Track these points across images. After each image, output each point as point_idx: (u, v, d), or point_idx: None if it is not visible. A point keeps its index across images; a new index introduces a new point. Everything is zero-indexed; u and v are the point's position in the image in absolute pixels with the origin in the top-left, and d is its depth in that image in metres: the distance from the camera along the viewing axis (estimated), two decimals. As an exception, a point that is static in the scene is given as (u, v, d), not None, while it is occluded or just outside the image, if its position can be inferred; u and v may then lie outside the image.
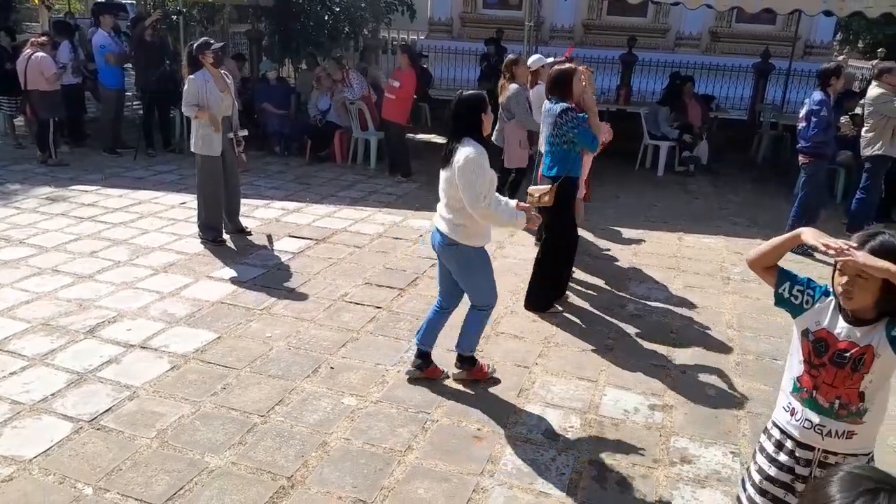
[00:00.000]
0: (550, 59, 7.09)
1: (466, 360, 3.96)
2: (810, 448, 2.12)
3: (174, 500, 2.98)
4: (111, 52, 8.81)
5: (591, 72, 5.51)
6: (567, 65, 4.86)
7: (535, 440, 3.47)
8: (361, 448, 3.34)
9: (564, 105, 4.62)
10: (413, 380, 3.95)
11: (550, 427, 3.59)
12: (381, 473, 3.17)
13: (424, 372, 3.95)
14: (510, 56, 6.88)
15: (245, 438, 3.39)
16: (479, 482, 3.14)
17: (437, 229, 3.72)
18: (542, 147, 5.10)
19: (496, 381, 3.99)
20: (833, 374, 2.05)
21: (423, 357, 3.96)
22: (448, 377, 3.99)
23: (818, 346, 2.08)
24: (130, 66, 10.14)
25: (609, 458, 3.35)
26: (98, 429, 3.44)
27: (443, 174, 3.62)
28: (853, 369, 2.02)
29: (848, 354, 2.02)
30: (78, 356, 4.10)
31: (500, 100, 6.67)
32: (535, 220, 3.72)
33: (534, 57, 7.13)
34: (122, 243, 6.00)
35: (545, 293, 4.97)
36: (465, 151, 3.46)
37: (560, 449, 3.41)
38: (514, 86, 6.55)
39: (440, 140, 11.57)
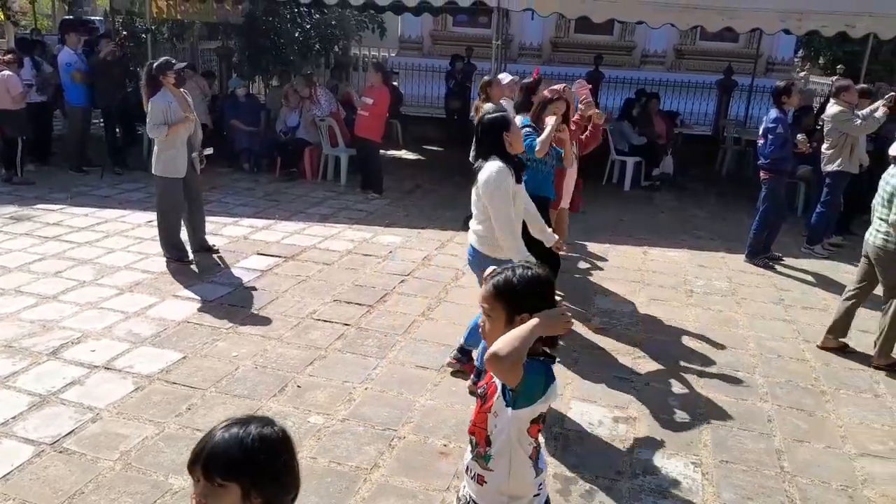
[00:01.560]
0: (515, 77, 7.21)
1: (465, 353, 4.15)
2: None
3: (137, 523, 2.95)
4: (77, 69, 8.73)
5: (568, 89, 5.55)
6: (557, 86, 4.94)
7: (500, 455, 3.50)
8: (327, 466, 3.35)
9: (524, 121, 4.74)
10: (456, 372, 4.23)
11: (516, 441, 3.62)
12: (346, 492, 3.17)
13: (464, 365, 4.21)
14: (485, 77, 6.96)
15: (210, 459, 3.36)
16: (444, 498, 3.17)
17: (471, 244, 3.89)
18: None
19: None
20: (478, 408, 1.98)
21: (465, 353, 4.20)
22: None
23: (481, 374, 2.08)
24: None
25: (573, 471, 3.40)
26: (60, 452, 3.40)
27: (473, 190, 3.78)
28: (483, 401, 1.95)
29: (484, 386, 1.97)
30: (41, 378, 4.04)
31: (475, 120, 6.72)
32: None
33: (501, 75, 7.26)
34: (88, 263, 5.93)
35: None
36: (487, 170, 3.63)
37: (525, 463, 3.44)
38: (488, 105, 6.59)
39: (411, 157, 11.67)
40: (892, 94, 6.82)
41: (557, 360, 1.93)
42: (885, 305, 4.67)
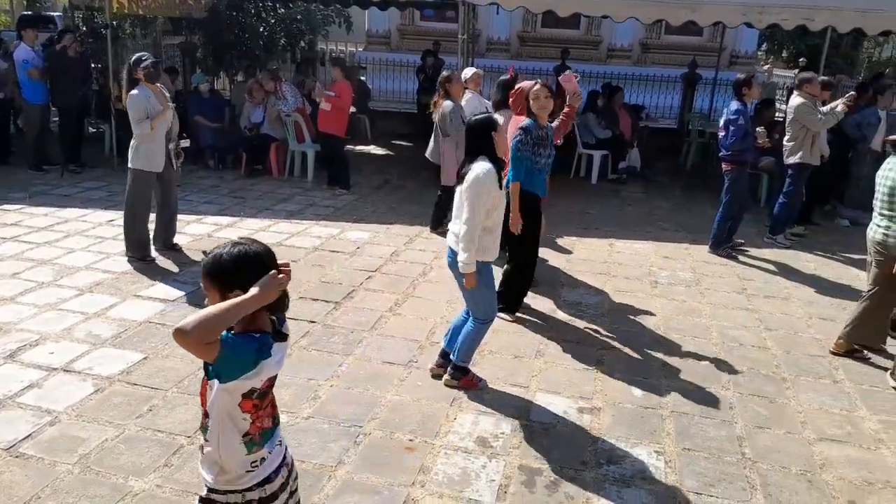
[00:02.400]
0: (473, 71, 7.17)
1: (459, 368, 4.05)
2: None
3: (96, 527, 2.90)
4: (34, 66, 8.53)
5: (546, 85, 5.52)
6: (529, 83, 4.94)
7: (466, 448, 3.51)
8: (291, 464, 3.31)
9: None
10: (436, 376, 4.14)
11: (482, 435, 3.63)
12: (311, 490, 3.15)
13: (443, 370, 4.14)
14: (444, 73, 6.93)
15: (171, 460, 3.32)
16: (409, 493, 3.16)
17: (449, 246, 3.85)
18: None
19: (481, 389, 4.06)
20: (204, 379, 1.97)
21: (446, 357, 4.13)
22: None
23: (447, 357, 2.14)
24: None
25: (538, 463, 3.41)
26: (17, 457, 3.32)
27: (457, 191, 3.77)
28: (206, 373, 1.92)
29: None
30: (-4, 382, 3.95)
31: (435, 117, 6.71)
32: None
33: (467, 69, 7.25)
34: (47, 263, 5.80)
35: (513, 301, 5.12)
36: (476, 170, 3.63)
37: (491, 455, 3.45)
38: (447, 102, 6.58)
39: (380, 152, 11.61)
40: (853, 93, 6.94)
41: (287, 335, 1.98)
42: (865, 293, 4.73)
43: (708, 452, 3.57)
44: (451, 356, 4.09)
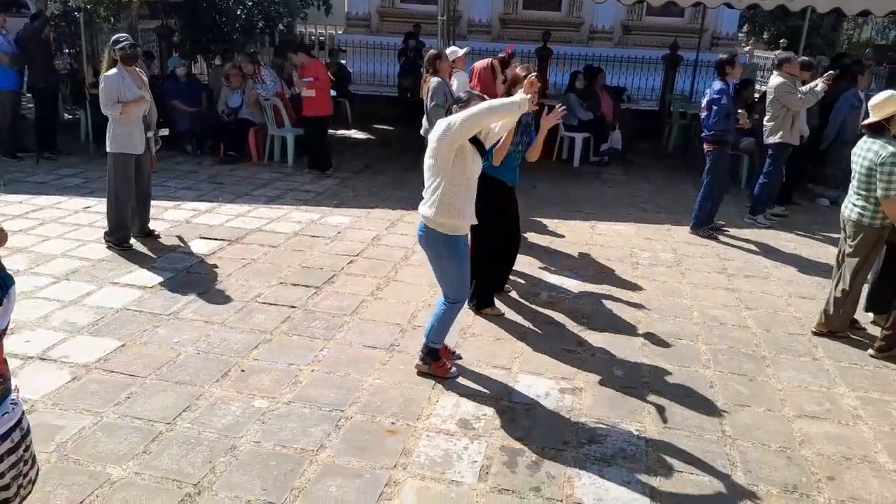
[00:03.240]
0: (464, 50, 7.17)
1: (430, 353, 3.97)
2: None
3: (73, 515, 2.86)
4: (4, 52, 8.34)
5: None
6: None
7: (448, 430, 3.50)
8: (272, 450, 3.29)
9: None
10: (424, 374, 4.00)
11: (464, 417, 3.63)
12: (292, 474, 3.13)
13: (432, 366, 3.99)
14: (432, 51, 6.88)
15: (149, 447, 3.28)
16: (391, 476, 3.15)
17: (422, 221, 3.75)
18: None
19: (453, 377, 3.99)
20: None
21: (432, 353, 3.99)
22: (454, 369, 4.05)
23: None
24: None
25: (520, 443, 3.41)
26: (-9, 447, 3.26)
27: (426, 157, 3.66)
28: None
29: None
30: (-31, 372, 3.87)
31: (423, 94, 6.67)
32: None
33: (449, 49, 7.20)
34: (22, 251, 5.70)
35: (481, 290, 4.89)
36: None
37: (473, 437, 3.45)
38: (435, 79, 6.53)
39: (361, 136, 11.52)
40: (832, 72, 6.97)
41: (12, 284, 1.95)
42: (838, 273, 4.76)
43: (688, 431, 3.59)
44: (424, 339, 4.01)
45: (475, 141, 3.64)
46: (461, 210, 3.65)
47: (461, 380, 3.98)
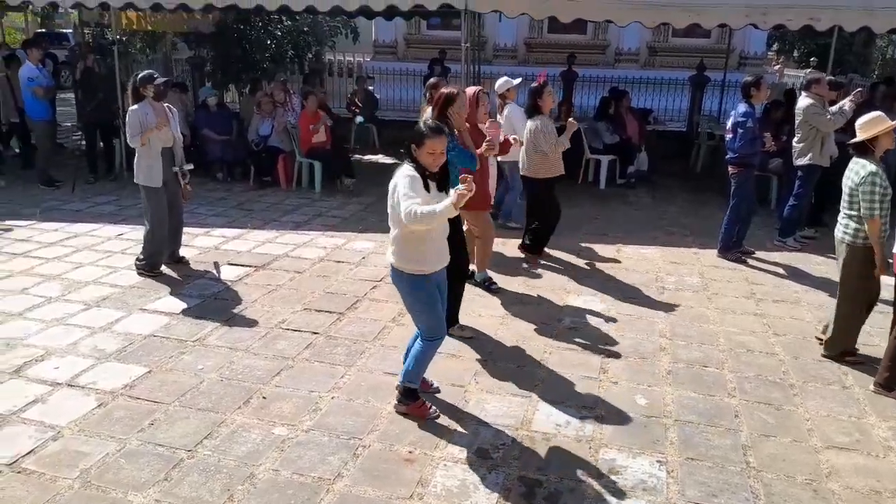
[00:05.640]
0: (517, 81, 7.24)
1: (407, 393, 3.86)
2: None
3: (94, 543, 2.91)
4: (39, 84, 8.66)
5: (485, 92, 5.56)
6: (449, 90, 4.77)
7: (466, 460, 3.48)
8: (290, 478, 3.31)
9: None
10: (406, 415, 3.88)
11: (482, 446, 3.61)
12: (308, 503, 3.14)
13: (410, 408, 3.87)
14: (432, 79, 7.00)
15: (170, 475, 3.33)
16: (407, 505, 3.14)
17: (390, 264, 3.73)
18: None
19: (433, 418, 3.87)
20: None
21: (409, 394, 3.87)
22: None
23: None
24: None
25: (538, 474, 3.38)
26: (18, 472, 3.34)
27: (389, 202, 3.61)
28: None
29: None
30: (2, 397, 3.98)
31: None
32: (469, 190, 3.39)
33: (501, 80, 7.26)
34: (55, 278, 5.86)
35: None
36: (400, 171, 3.54)
37: (490, 467, 3.43)
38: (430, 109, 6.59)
39: (388, 161, 11.63)
40: (860, 89, 6.88)
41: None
42: (839, 295, 4.70)
43: (711, 462, 3.52)
44: (399, 378, 3.91)
45: (435, 177, 3.56)
46: (421, 257, 3.59)
47: (480, 407, 3.97)
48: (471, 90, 5.35)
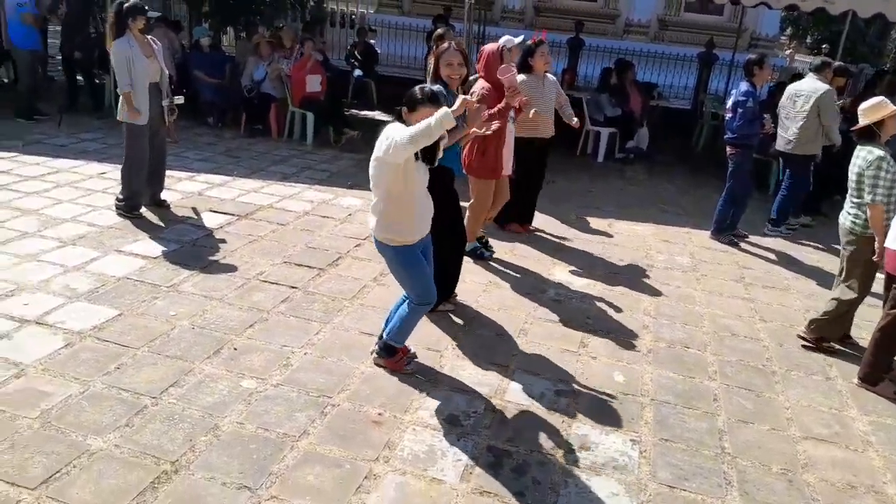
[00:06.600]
0: (520, 38, 6.95)
1: (387, 348, 3.82)
2: None
3: (48, 484, 2.82)
4: (28, 11, 8.34)
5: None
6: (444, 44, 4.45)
7: (435, 426, 3.40)
8: (254, 433, 3.23)
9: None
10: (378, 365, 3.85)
11: (454, 412, 3.52)
12: (271, 459, 3.06)
13: (387, 360, 3.83)
14: (439, 30, 6.75)
15: (132, 421, 3.23)
16: (372, 468, 3.06)
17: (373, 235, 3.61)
18: None
19: (409, 373, 3.83)
20: None
21: (388, 349, 3.82)
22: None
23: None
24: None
25: (508, 445, 3.31)
26: (-23, 409, 3.24)
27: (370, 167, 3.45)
28: None
29: None
30: (-35, 331, 3.87)
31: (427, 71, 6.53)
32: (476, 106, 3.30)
33: (503, 38, 6.98)
34: (32, 213, 5.70)
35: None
36: (387, 129, 3.36)
37: (460, 434, 3.35)
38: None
39: (384, 117, 11.39)
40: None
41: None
42: (836, 284, 4.63)
43: (686, 444, 3.45)
44: (383, 333, 3.86)
45: (425, 149, 3.33)
46: (402, 226, 3.48)
47: (456, 374, 3.88)
48: (492, 45, 5.10)
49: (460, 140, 4.21)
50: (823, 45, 16.92)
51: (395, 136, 3.21)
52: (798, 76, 9.59)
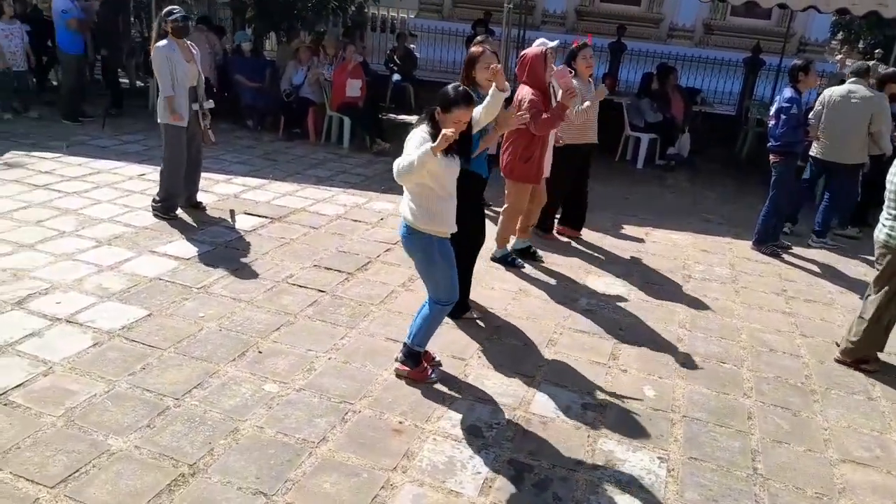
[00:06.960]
0: (555, 42, 6.85)
1: (412, 355, 3.75)
2: None
3: (67, 483, 2.84)
4: (73, 16, 8.56)
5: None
6: (475, 48, 4.42)
7: (456, 436, 3.34)
8: (273, 437, 3.21)
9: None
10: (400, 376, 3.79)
11: (476, 423, 3.45)
12: (288, 465, 3.03)
13: (412, 372, 3.77)
14: (479, 37, 6.65)
15: (154, 422, 3.25)
16: (389, 477, 3.01)
17: (403, 218, 3.61)
18: None
19: (432, 383, 3.77)
20: None
21: (413, 356, 3.76)
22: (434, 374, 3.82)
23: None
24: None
25: (530, 458, 3.22)
26: (5, 404, 3.29)
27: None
28: None
29: None
30: (0, 328, 3.94)
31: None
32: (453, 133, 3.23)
33: (537, 41, 6.89)
34: (71, 213, 5.83)
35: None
36: (415, 132, 3.44)
37: (481, 446, 3.28)
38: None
39: (421, 122, 11.39)
40: None
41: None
42: (867, 298, 4.41)
43: (716, 464, 3.32)
44: (406, 339, 3.79)
45: (457, 141, 3.31)
46: (436, 214, 3.47)
47: (480, 383, 3.81)
48: (534, 49, 5.02)
49: (486, 148, 4.20)
50: (876, 50, 16.27)
51: (396, 162, 3.36)
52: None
